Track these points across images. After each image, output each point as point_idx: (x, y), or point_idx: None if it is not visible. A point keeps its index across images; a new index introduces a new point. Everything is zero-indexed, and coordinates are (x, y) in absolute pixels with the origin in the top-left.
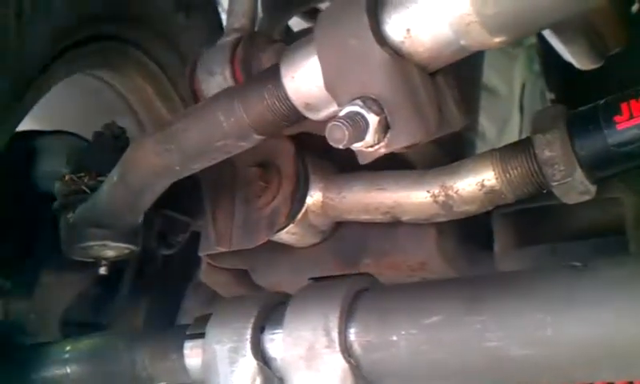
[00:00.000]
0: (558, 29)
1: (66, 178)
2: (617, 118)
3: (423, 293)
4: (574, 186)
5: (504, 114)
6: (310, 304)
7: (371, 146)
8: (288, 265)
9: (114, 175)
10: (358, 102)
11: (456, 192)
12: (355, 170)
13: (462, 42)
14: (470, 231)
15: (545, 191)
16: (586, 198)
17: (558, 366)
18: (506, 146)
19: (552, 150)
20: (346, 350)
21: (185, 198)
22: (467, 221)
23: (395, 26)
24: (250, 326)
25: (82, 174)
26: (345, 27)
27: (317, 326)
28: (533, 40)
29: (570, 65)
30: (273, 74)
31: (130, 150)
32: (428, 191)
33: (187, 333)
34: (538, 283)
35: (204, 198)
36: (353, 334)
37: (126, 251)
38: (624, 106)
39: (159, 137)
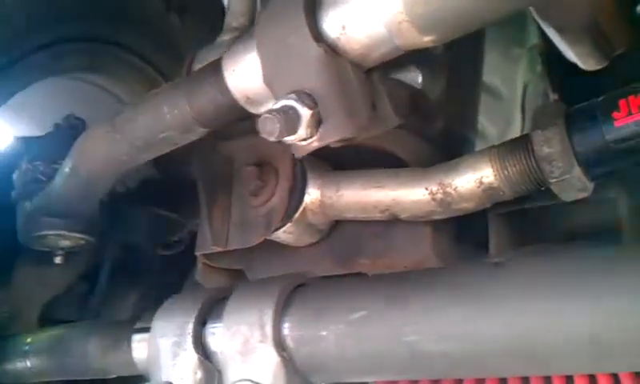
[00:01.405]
0: (561, 29)
1: (23, 166)
2: (615, 115)
3: (352, 289)
4: (572, 183)
5: (506, 116)
6: (248, 299)
7: (304, 140)
8: (284, 265)
9: (66, 165)
10: (293, 96)
11: (454, 189)
12: (352, 169)
13: (395, 41)
14: (466, 231)
15: (543, 188)
16: (584, 194)
17: (469, 360)
18: (504, 143)
19: (550, 146)
20: (280, 344)
21: (181, 197)
22: (463, 221)
23: (331, 23)
24: (192, 320)
25: (38, 162)
26: (283, 23)
27: (252, 321)
28: (535, 41)
29: (573, 65)
30: (216, 68)
31: (81, 140)
32: (426, 188)
33: (135, 327)
34: (456, 280)
35: (200, 198)
36: (286, 328)
37: (82, 242)
38: (622, 102)
39: (108, 127)
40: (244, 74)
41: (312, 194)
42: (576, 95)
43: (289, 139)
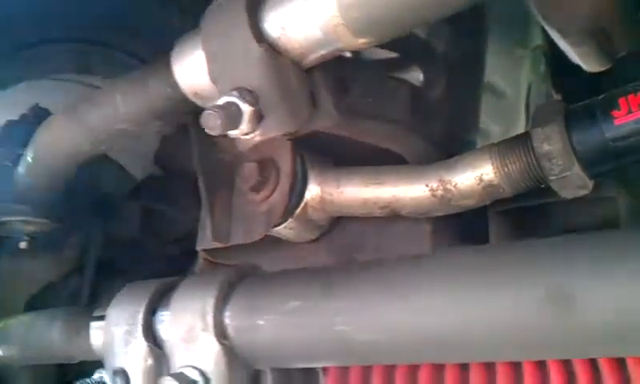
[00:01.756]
0: (563, 31)
1: None
2: (615, 113)
3: (289, 280)
4: (572, 180)
5: (510, 115)
6: (194, 289)
7: (246, 134)
8: (285, 261)
9: (28, 153)
10: (235, 92)
11: (454, 186)
12: (353, 166)
13: (331, 42)
14: (466, 229)
15: (543, 185)
16: (584, 192)
17: (396, 349)
18: (504, 141)
19: (550, 144)
20: (221, 333)
21: (182, 192)
22: (463, 218)
23: (272, 24)
24: (142, 309)
25: (2, 149)
26: (227, 22)
27: (196, 310)
28: (539, 42)
29: (576, 66)
30: (166, 63)
31: (42, 128)
32: (426, 185)
33: (93, 315)
34: (384, 272)
35: (201, 194)
36: (227, 317)
37: (46, 227)
38: (622, 100)
39: (66, 117)
40: (192, 70)
41: (312, 190)
42: (578, 95)
43: (232, 133)
